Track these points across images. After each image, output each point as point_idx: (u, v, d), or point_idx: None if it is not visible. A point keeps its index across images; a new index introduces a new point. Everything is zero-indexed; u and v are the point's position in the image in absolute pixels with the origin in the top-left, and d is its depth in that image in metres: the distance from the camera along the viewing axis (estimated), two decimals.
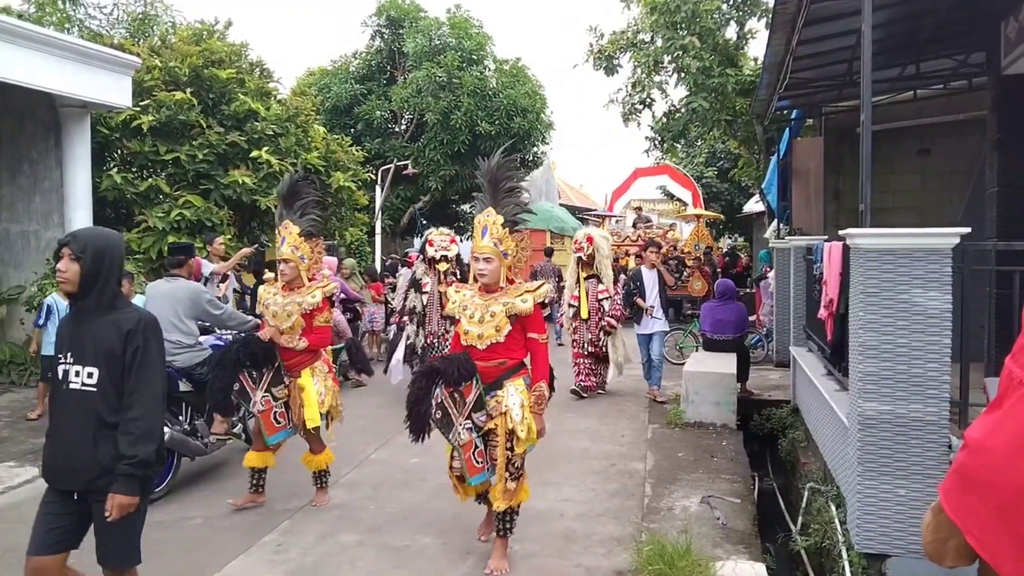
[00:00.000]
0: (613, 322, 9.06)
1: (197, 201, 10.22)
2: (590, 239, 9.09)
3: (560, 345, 12.63)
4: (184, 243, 7.37)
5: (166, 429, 5.61)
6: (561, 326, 10.12)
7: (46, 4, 13.77)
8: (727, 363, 8.02)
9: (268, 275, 5.55)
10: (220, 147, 10.73)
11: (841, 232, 4.72)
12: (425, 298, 8.52)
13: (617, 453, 6.76)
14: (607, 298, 9.07)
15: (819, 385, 6.03)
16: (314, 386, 5.17)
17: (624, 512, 5.35)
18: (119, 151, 10.87)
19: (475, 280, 4.25)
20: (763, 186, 12.62)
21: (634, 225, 22.24)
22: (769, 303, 11.16)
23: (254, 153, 10.93)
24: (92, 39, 11.32)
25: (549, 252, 15.93)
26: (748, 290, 15.20)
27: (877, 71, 5.64)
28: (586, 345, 9.09)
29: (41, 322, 7.59)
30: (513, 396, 4.10)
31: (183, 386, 5.71)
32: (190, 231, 10.09)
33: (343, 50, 31.35)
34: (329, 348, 5.76)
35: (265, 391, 5.18)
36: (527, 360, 4.27)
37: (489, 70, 19.52)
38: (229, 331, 6.38)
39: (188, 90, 10.77)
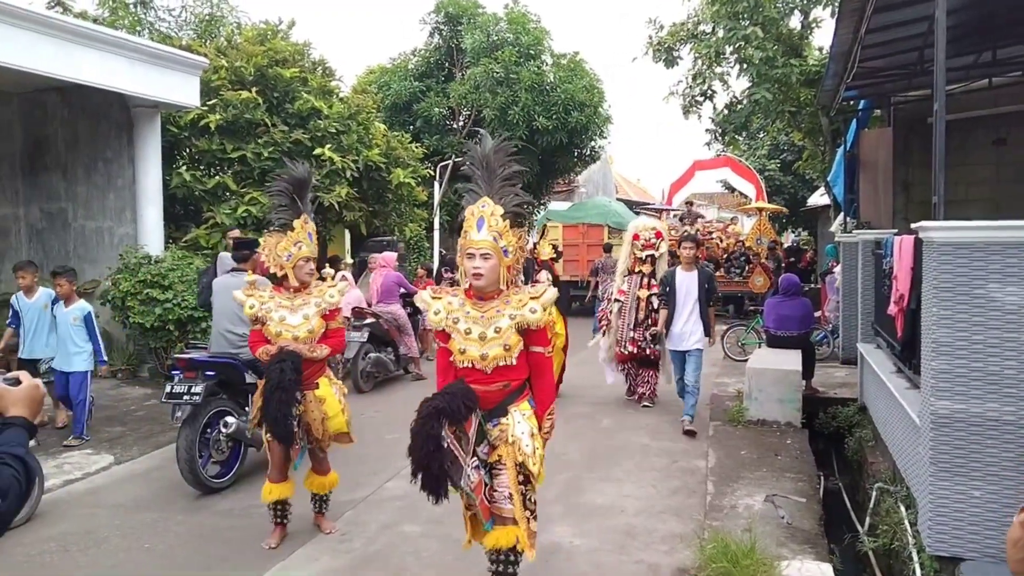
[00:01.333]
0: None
1: (262, 198, 10.45)
2: (659, 234, 8.36)
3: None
4: (249, 238, 7.54)
5: (232, 419, 5.79)
6: (602, 328, 8.84)
7: (119, 8, 14.25)
8: (792, 360, 7.86)
9: (251, 277, 4.69)
10: (284, 145, 10.96)
11: (913, 225, 4.58)
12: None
13: (678, 450, 6.69)
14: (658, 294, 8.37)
15: (888, 383, 5.87)
16: (335, 395, 4.76)
17: (686, 510, 5.31)
18: (188, 149, 11.20)
19: (453, 283, 3.67)
20: (829, 179, 12.32)
21: (681, 220, 21.93)
22: (835, 299, 10.89)
23: (317, 151, 11.14)
24: (162, 41, 11.68)
25: (608, 248, 15.83)
26: (813, 285, 14.87)
27: (951, 58, 5.45)
28: (627, 344, 8.32)
29: (13, 323, 7.42)
30: (521, 424, 3.42)
31: (249, 378, 5.85)
32: (256, 227, 10.34)
33: (402, 47, 31.77)
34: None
35: None
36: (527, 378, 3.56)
37: (546, 65, 19.48)
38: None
39: (253, 89, 11.02)
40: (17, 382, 1.85)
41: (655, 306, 8.14)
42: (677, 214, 29.34)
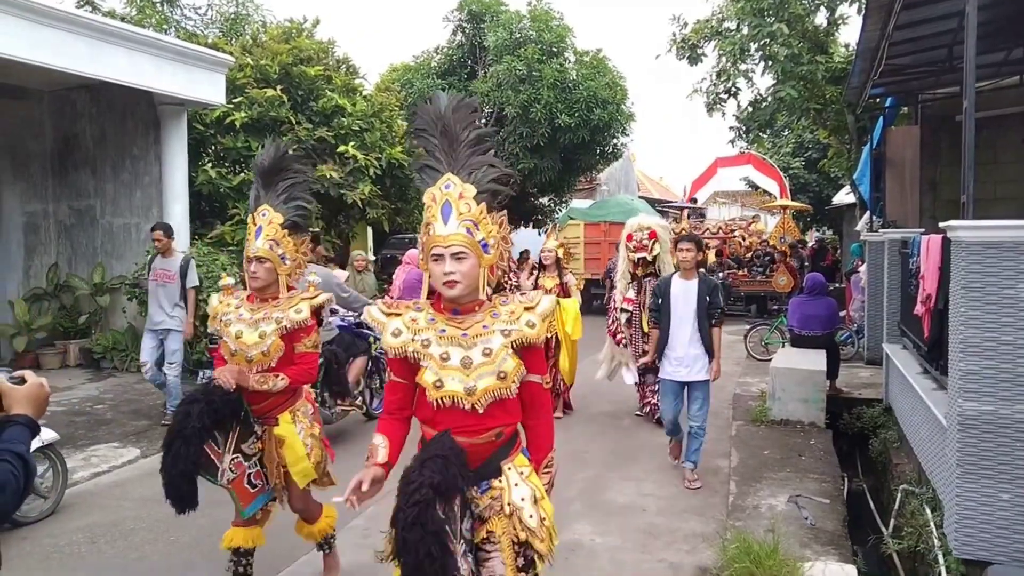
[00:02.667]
0: None
1: None
2: (653, 235, 7.34)
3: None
4: (313, 231, 7.78)
5: None
6: (619, 341, 7.80)
7: (146, 6, 14.41)
8: (816, 359, 7.79)
9: (226, 280, 3.97)
10: (308, 142, 11.04)
11: (941, 224, 4.53)
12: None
13: (700, 449, 6.66)
14: None
15: (914, 384, 5.81)
16: (298, 435, 3.76)
17: (708, 509, 5.29)
18: (213, 147, 11.31)
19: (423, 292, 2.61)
20: (855, 177, 12.20)
21: (688, 217, 21.78)
22: (860, 298, 10.79)
23: (341, 148, 11.21)
24: (188, 39, 11.80)
25: None
26: (838, 285, 14.74)
27: (980, 55, 5.37)
28: (644, 353, 7.35)
29: None
30: (520, 487, 2.51)
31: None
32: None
33: (425, 45, 31.90)
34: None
35: (234, 452, 3.72)
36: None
37: (569, 62, 19.43)
38: (353, 312, 7.09)
39: (278, 87, 11.11)
40: (22, 380, 1.87)
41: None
42: (701, 212, 29.23)
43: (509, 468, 2.54)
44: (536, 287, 7.79)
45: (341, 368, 4.40)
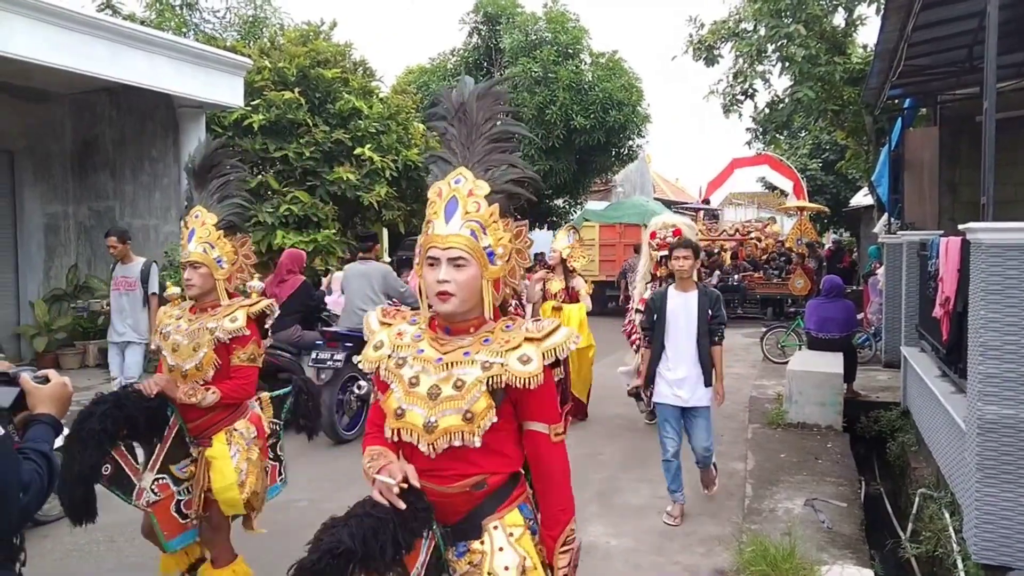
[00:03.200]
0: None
1: (304, 197, 10.61)
2: (677, 232, 6.87)
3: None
4: (371, 232, 8.45)
5: (364, 383, 6.93)
6: (633, 342, 7.27)
7: (165, 10, 14.56)
8: (833, 362, 7.74)
9: (172, 290, 3.71)
10: (325, 145, 11.10)
11: (960, 226, 4.49)
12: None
13: (716, 452, 6.63)
14: None
15: (933, 387, 5.76)
16: (231, 458, 3.34)
17: (723, 512, 5.27)
18: (231, 149, 11.37)
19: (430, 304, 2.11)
20: (873, 178, 12.11)
21: (703, 218, 21.66)
22: (878, 301, 10.71)
23: (357, 150, 11.26)
24: (207, 42, 11.90)
25: (638, 248, 15.74)
26: (855, 287, 14.64)
27: (1002, 55, 5.32)
28: None
29: None
30: (507, 553, 2.04)
31: None
32: (297, 226, 10.49)
33: (441, 47, 32.00)
34: (267, 396, 3.81)
35: (159, 471, 3.40)
36: (521, 470, 2.19)
37: (585, 64, 19.43)
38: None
39: (296, 90, 11.18)
40: (46, 380, 1.89)
41: None
42: (714, 213, 29.12)
43: (495, 527, 2.06)
44: (543, 293, 7.58)
45: (312, 400, 3.98)
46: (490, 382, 1.98)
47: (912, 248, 7.91)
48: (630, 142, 20.59)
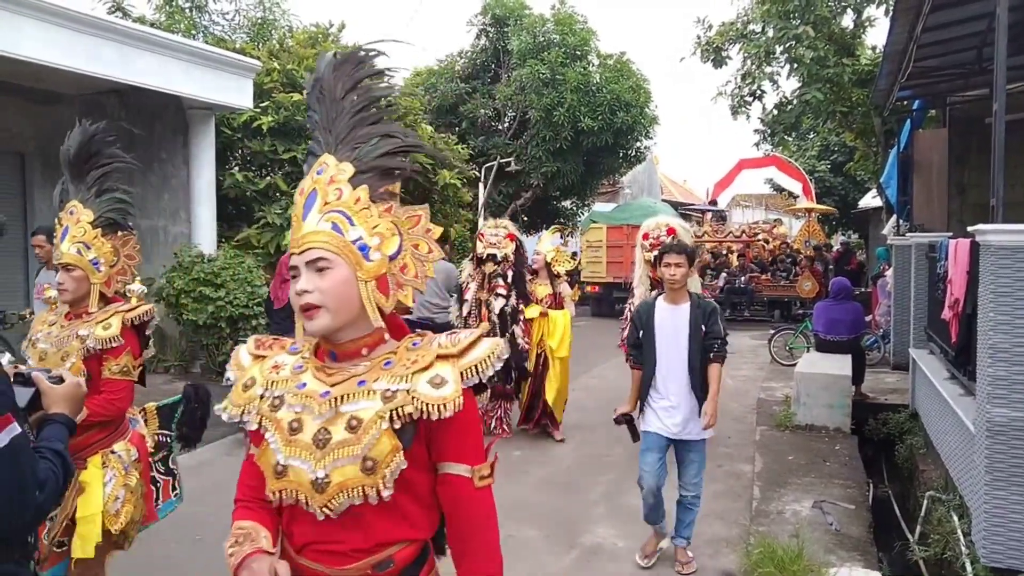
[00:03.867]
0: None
1: None
2: (671, 231, 6.33)
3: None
4: (439, 228, 8.42)
5: None
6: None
7: (175, 12, 14.62)
8: (841, 364, 7.73)
9: (48, 292, 3.37)
10: None
11: (970, 228, 4.48)
12: (466, 308, 6.90)
13: (723, 454, 6.63)
14: None
15: (942, 389, 5.74)
16: (105, 485, 2.90)
17: (730, 514, 5.26)
18: (240, 150, 11.43)
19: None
20: (881, 180, 12.07)
21: (710, 219, 21.57)
22: (886, 303, 10.68)
23: None
24: (216, 44, 11.94)
25: None
26: (863, 289, 14.59)
27: (1011, 57, 5.30)
28: None
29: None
30: None
31: None
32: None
33: (449, 49, 32.03)
34: (152, 407, 3.40)
35: None
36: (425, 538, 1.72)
37: (593, 65, 19.43)
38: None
39: (304, 91, 11.20)
40: (60, 380, 1.91)
41: None
42: (722, 214, 29.07)
43: None
44: (530, 296, 7.18)
45: (202, 408, 3.52)
46: (394, 416, 1.51)
47: (921, 250, 7.89)
48: (638, 144, 20.57)
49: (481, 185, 18.24)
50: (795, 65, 12.15)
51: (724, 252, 19.90)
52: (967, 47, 7.84)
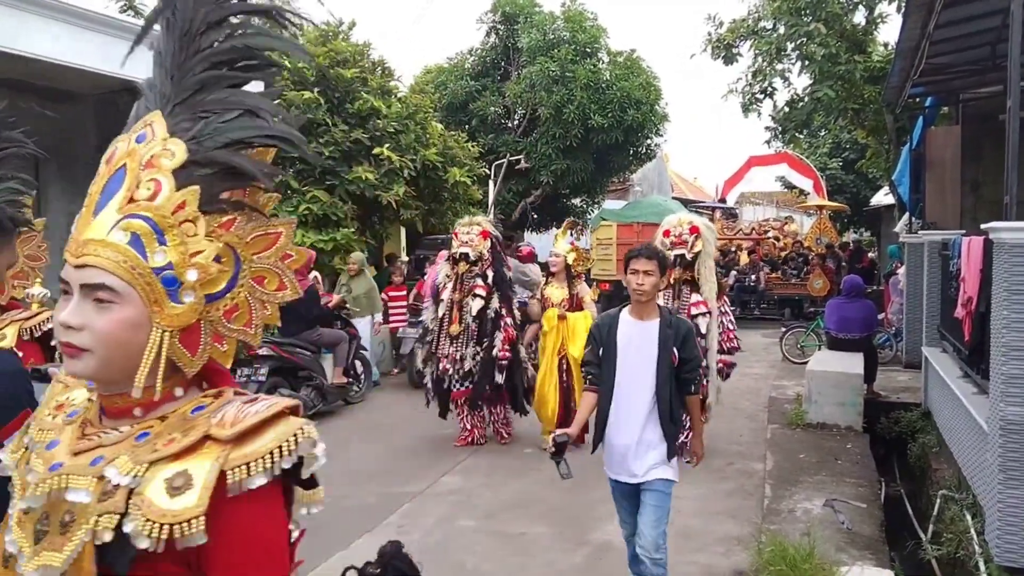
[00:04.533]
0: (729, 361, 6.16)
1: (323, 196, 10.67)
2: (695, 229, 5.95)
3: None
4: (506, 234, 8.36)
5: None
6: None
7: None
8: (853, 363, 7.70)
9: None
10: (344, 144, 11.14)
11: (983, 226, 4.47)
12: (441, 310, 6.68)
13: (735, 452, 6.62)
14: (703, 314, 5.77)
15: (954, 388, 5.72)
16: None
17: (742, 512, 5.25)
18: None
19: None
20: (894, 178, 12.01)
21: (719, 217, 21.47)
22: (899, 301, 10.62)
23: (376, 150, 11.29)
24: None
25: None
26: (875, 287, 14.53)
27: None
28: None
29: None
30: None
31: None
32: (316, 225, 10.56)
33: (459, 47, 32.02)
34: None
35: None
36: None
37: (603, 62, 19.37)
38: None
39: (315, 90, 11.24)
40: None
41: (699, 329, 5.55)
42: (732, 212, 28.98)
43: None
44: (543, 302, 6.81)
45: None
46: (99, 527, 1.02)
47: (933, 248, 7.85)
48: (648, 141, 20.51)
49: (491, 183, 18.23)
50: (806, 62, 12.10)
51: (734, 250, 19.82)
52: (981, 43, 7.79)
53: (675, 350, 3.50)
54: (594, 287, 7.87)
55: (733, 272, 17.63)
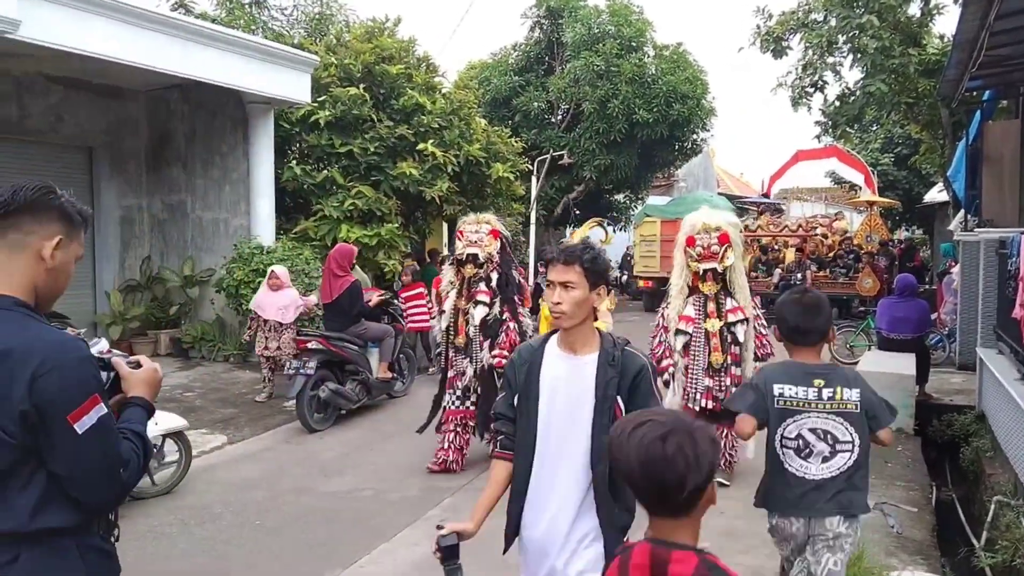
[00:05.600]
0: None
1: (368, 191, 10.76)
2: (725, 238, 5.33)
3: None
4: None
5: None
6: (663, 370, 5.54)
7: (235, 8, 14.89)
8: (905, 364, 7.51)
9: None
10: (389, 140, 11.22)
11: None
12: (444, 320, 6.05)
13: None
14: (741, 321, 5.39)
15: (1012, 391, 5.54)
16: None
17: None
18: (298, 144, 11.62)
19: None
20: (948, 174, 11.70)
21: (763, 212, 21.10)
22: (952, 301, 10.34)
23: (420, 146, 11.35)
24: (275, 39, 12.14)
25: None
26: (927, 286, 14.17)
27: None
28: (698, 396, 5.42)
29: None
30: None
31: None
32: (361, 220, 10.66)
33: (503, 42, 31.99)
34: None
35: None
36: None
37: (648, 56, 19.20)
38: None
39: (361, 86, 11.33)
40: (138, 365, 1.98)
41: (736, 337, 5.38)
42: (779, 207, 28.48)
43: None
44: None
45: None
46: None
47: (990, 246, 7.63)
48: (694, 136, 20.28)
49: (534, 178, 18.20)
50: (858, 55, 11.84)
51: (778, 247, 19.47)
52: None
53: (619, 399, 2.37)
54: (611, 296, 6.75)
55: (778, 270, 17.33)
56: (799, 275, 16.90)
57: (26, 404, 1.61)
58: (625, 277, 21.61)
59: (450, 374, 5.97)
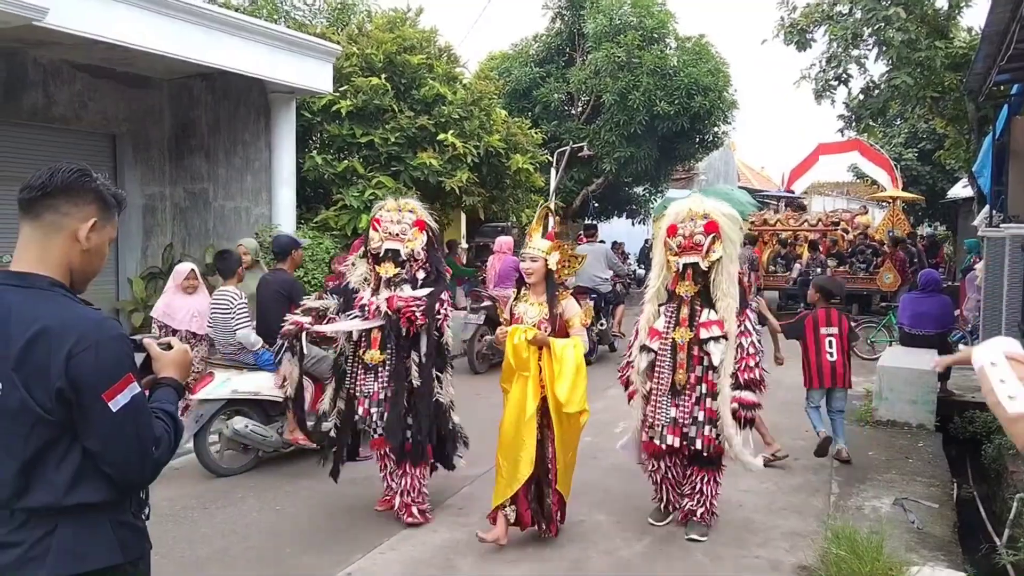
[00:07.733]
0: (749, 400, 4.35)
1: (388, 182, 10.79)
2: (712, 227, 4.35)
3: None
4: (594, 223, 9.68)
5: None
6: (627, 389, 4.85)
7: None
8: (927, 359, 7.45)
9: None
10: (410, 130, 11.24)
11: None
12: (355, 332, 4.75)
13: (800, 447, 6.47)
14: (715, 339, 4.36)
15: None
16: None
17: (807, 508, 5.16)
18: (320, 134, 11.66)
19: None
20: (974, 169, 11.56)
21: (785, 207, 20.86)
22: (976, 297, 10.22)
23: (440, 136, 11.36)
24: (297, 29, 12.18)
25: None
26: (951, 283, 14.02)
27: None
28: (663, 431, 4.48)
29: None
30: None
31: None
32: None
33: (524, 33, 31.85)
34: None
35: None
36: None
37: (670, 48, 19.07)
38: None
39: (382, 76, 11.35)
40: (168, 347, 2.03)
41: (713, 360, 4.34)
42: (800, 202, 28.23)
43: None
44: (511, 319, 4.60)
45: None
46: None
47: (1016, 242, 7.54)
48: (715, 129, 20.13)
49: (553, 170, 18.17)
50: (884, 48, 11.69)
51: (798, 241, 19.30)
52: None
53: None
54: (587, 307, 5.92)
55: (796, 265, 17.20)
56: (818, 270, 16.77)
57: (62, 381, 1.65)
58: (644, 271, 21.54)
59: (360, 403, 4.74)
